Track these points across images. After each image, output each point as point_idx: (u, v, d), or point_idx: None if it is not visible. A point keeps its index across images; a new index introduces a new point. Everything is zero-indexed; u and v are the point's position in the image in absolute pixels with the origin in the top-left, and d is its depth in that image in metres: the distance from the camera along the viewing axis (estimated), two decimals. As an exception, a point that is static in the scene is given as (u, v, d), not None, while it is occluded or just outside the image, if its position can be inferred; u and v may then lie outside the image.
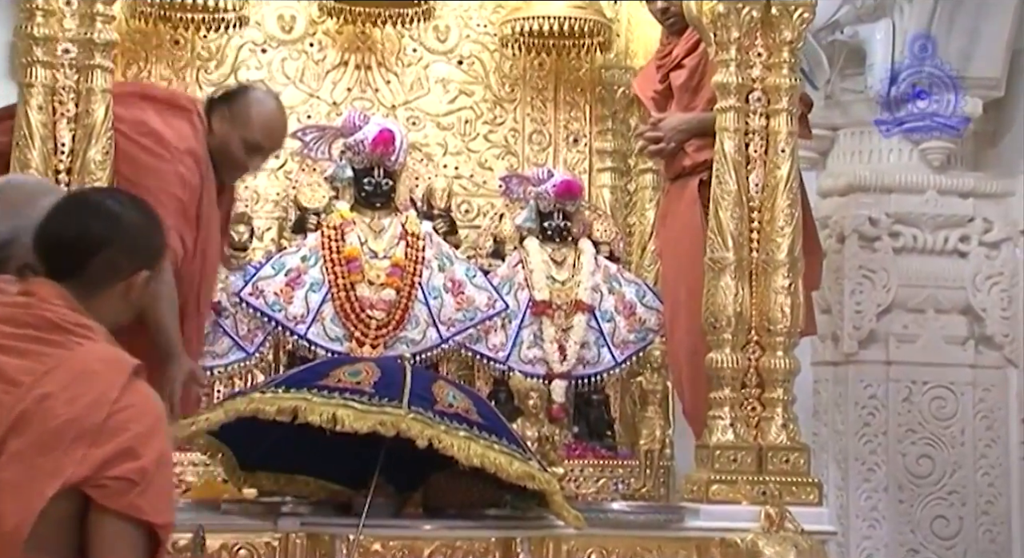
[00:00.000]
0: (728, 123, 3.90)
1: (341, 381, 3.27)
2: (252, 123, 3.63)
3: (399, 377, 3.29)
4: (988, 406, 5.08)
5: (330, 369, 3.36)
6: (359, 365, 3.39)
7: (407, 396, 3.22)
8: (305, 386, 3.27)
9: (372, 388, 3.24)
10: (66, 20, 3.56)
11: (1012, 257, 5.12)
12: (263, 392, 3.31)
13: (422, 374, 3.47)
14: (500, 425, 3.37)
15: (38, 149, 3.49)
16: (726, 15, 3.90)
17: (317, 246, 4.28)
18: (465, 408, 3.29)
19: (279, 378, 3.48)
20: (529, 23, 4.63)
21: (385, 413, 3.17)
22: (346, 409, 3.18)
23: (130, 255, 2.19)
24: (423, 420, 3.18)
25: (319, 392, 3.24)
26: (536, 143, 4.85)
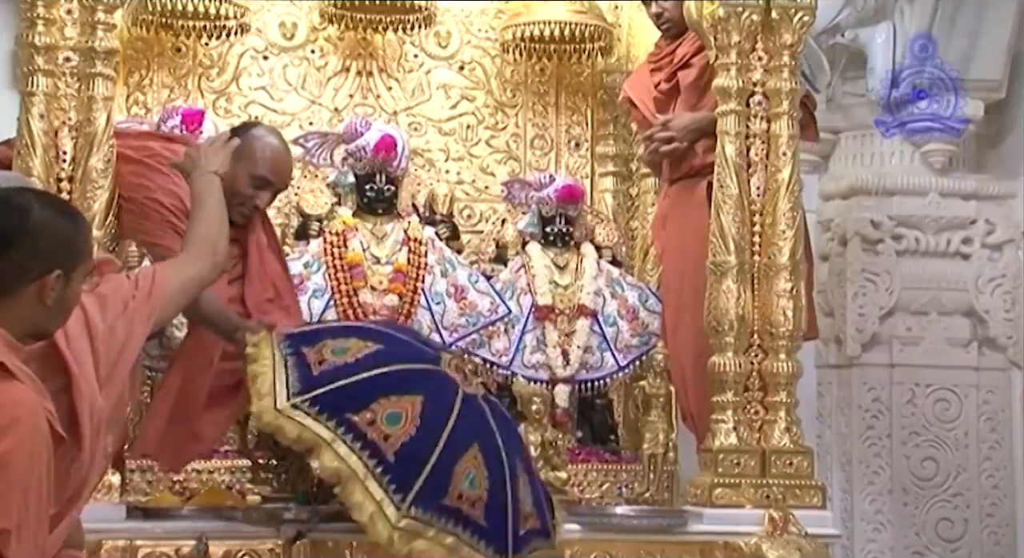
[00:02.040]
0: (729, 127, 3.90)
1: (375, 426, 3.11)
2: (257, 158, 3.61)
3: (432, 439, 3.12)
4: (992, 408, 5.08)
5: (375, 395, 3.16)
6: (405, 402, 3.16)
7: (419, 484, 3.08)
8: (340, 415, 3.11)
9: (394, 455, 3.09)
10: (67, 29, 3.56)
11: (1015, 259, 5.12)
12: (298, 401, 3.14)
13: (460, 436, 3.18)
14: (499, 525, 3.16)
15: (39, 158, 3.49)
16: (726, 19, 3.90)
17: (320, 252, 4.29)
18: (474, 499, 3.13)
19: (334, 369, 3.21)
20: (530, 28, 4.64)
21: (382, 509, 3.06)
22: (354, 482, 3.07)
23: (38, 255, 2.16)
24: (412, 530, 3.07)
25: (347, 434, 3.09)
26: (538, 148, 4.86)
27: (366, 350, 3.26)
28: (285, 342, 3.30)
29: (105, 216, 3.51)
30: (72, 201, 3.50)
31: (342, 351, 3.26)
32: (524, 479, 3.28)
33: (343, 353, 3.25)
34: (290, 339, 3.33)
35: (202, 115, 4.27)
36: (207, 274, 2.80)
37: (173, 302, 2.68)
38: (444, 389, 3.23)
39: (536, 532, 3.27)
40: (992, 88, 5.08)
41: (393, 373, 3.22)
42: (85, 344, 2.36)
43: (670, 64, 4.33)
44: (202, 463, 4.01)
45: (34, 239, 2.16)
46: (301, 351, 3.26)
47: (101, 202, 3.52)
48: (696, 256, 4.00)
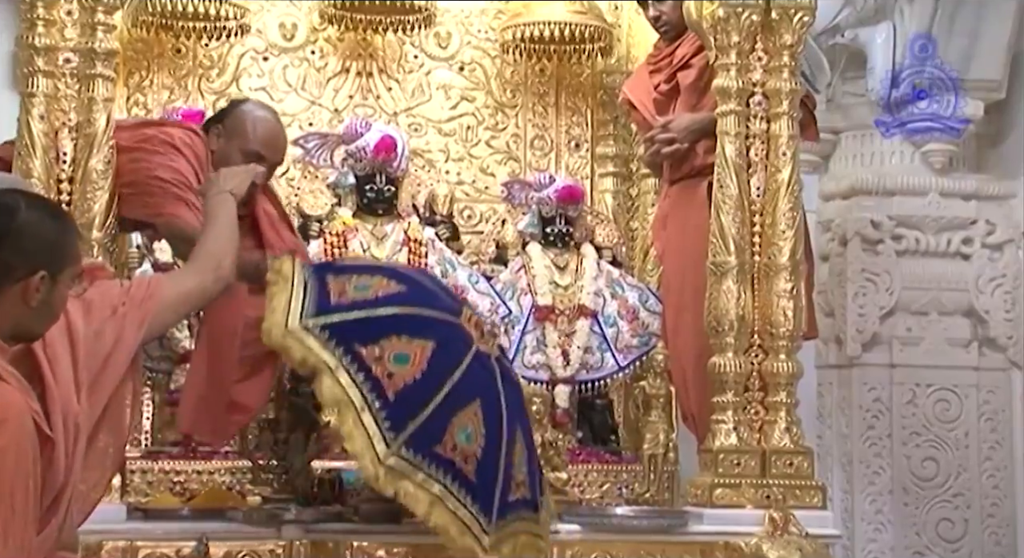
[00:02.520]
0: (729, 127, 3.90)
1: (381, 361, 3.04)
2: (247, 133, 3.62)
3: (435, 386, 3.07)
4: (992, 408, 5.08)
5: (388, 332, 3.09)
6: (416, 346, 3.10)
7: (413, 427, 3.04)
8: (348, 344, 3.05)
9: (394, 394, 3.04)
10: (67, 30, 3.56)
11: (1015, 259, 5.12)
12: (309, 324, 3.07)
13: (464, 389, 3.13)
14: (489, 485, 3.11)
15: (40, 159, 3.49)
16: (726, 19, 3.90)
17: (320, 253, 4.28)
18: (467, 454, 3.07)
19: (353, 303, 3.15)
20: (530, 29, 4.64)
21: (372, 444, 3.00)
22: (350, 412, 3.02)
23: (22, 255, 2.16)
24: (400, 471, 3.01)
25: (352, 364, 3.03)
26: (538, 148, 4.86)
27: (388, 289, 3.20)
28: (310, 269, 3.27)
29: (105, 217, 3.51)
30: (72, 202, 3.51)
31: (364, 287, 3.20)
32: (522, 447, 3.23)
33: (365, 289, 3.20)
34: (316, 267, 3.31)
35: (202, 116, 4.27)
36: (210, 287, 2.79)
37: (171, 311, 2.67)
38: (457, 341, 3.18)
39: (524, 502, 3.22)
40: (992, 88, 5.08)
41: (410, 316, 3.16)
42: (64, 348, 2.35)
43: (669, 65, 4.33)
44: (202, 463, 4.01)
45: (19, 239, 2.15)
46: (325, 279, 3.21)
47: (101, 203, 3.51)
48: (697, 256, 4.00)
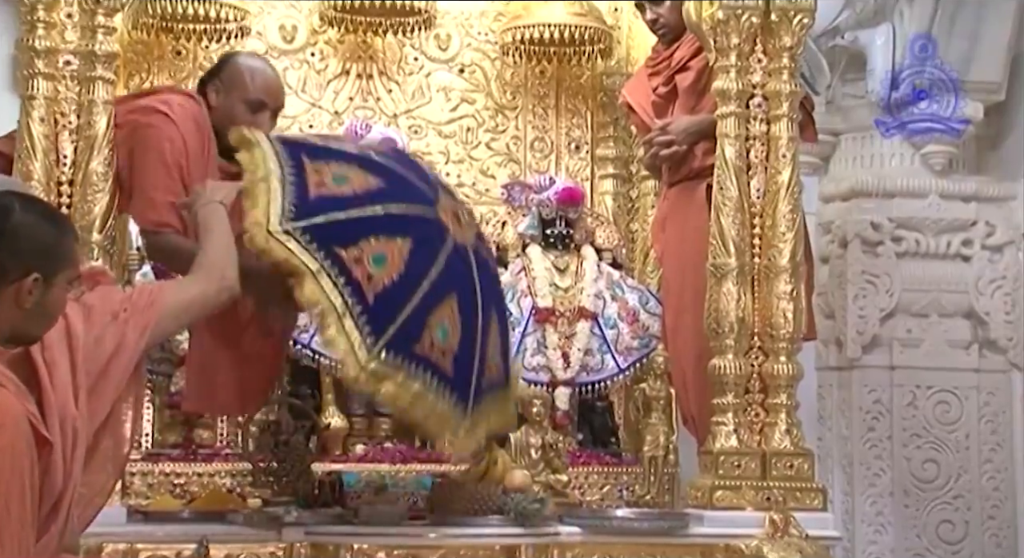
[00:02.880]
0: (729, 129, 3.90)
1: (360, 263, 3.10)
2: (247, 84, 3.63)
3: (412, 286, 3.13)
4: (992, 410, 5.07)
5: (366, 233, 3.13)
6: (393, 246, 3.16)
7: (393, 330, 3.08)
8: (328, 247, 3.08)
9: (374, 297, 3.08)
10: (67, 32, 3.55)
11: (1015, 261, 5.12)
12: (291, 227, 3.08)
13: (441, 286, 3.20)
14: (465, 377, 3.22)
15: (40, 161, 3.48)
16: (726, 21, 3.90)
17: (320, 254, 4.28)
18: (444, 350, 3.16)
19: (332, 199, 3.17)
20: (530, 31, 4.65)
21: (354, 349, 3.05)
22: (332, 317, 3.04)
23: (15, 256, 2.15)
24: (381, 373, 3.07)
25: (332, 267, 3.07)
26: (538, 150, 4.86)
27: (367, 185, 3.24)
28: (282, 150, 3.25)
29: (105, 220, 3.50)
30: (72, 204, 3.51)
31: (343, 179, 3.23)
32: (496, 334, 3.35)
33: (343, 182, 3.23)
34: (289, 147, 3.28)
35: None
36: (212, 296, 2.76)
37: (173, 319, 2.66)
38: (433, 237, 3.24)
39: (496, 383, 3.35)
40: (992, 90, 5.08)
41: (388, 215, 3.20)
42: (62, 352, 2.34)
43: (668, 68, 4.34)
44: (203, 466, 4.01)
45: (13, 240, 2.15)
46: (301, 159, 3.22)
47: (101, 206, 3.51)
48: (696, 258, 4.00)
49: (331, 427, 4.21)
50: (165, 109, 3.54)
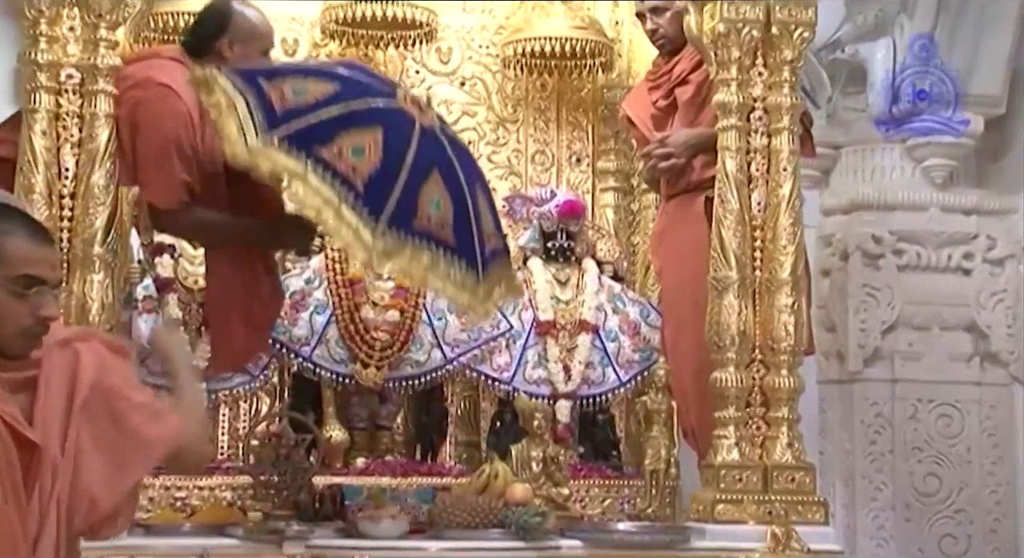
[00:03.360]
0: (730, 142, 3.91)
1: (342, 157, 3.26)
2: (263, 33, 3.75)
3: (396, 167, 3.30)
4: (994, 424, 5.07)
5: (338, 130, 3.30)
6: (367, 136, 3.32)
7: (390, 209, 3.25)
8: (309, 149, 3.24)
9: (364, 185, 3.25)
10: (70, 46, 3.56)
11: (1016, 274, 5.12)
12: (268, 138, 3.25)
13: (421, 163, 3.37)
14: (468, 243, 3.42)
15: (42, 174, 3.49)
16: (726, 35, 3.91)
17: (321, 268, 4.29)
18: (441, 221, 3.35)
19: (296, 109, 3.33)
20: (531, 44, 4.66)
21: (359, 235, 3.22)
22: (329, 210, 3.21)
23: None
24: (390, 250, 3.25)
25: (317, 166, 3.23)
26: (539, 163, 4.86)
27: (325, 92, 3.39)
28: (238, 77, 3.39)
29: (106, 233, 3.51)
30: (74, 217, 3.52)
31: (302, 91, 3.38)
32: (483, 203, 3.52)
33: (303, 93, 3.37)
34: (244, 74, 3.42)
35: None
36: (186, 450, 2.42)
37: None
38: (401, 123, 3.40)
39: (497, 251, 3.56)
40: (992, 103, 5.09)
41: (352, 111, 3.37)
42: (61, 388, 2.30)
43: (668, 81, 4.35)
44: (204, 479, 4.01)
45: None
46: (259, 84, 3.36)
47: (103, 219, 3.52)
48: (695, 271, 4.00)
49: (332, 440, 4.20)
50: (167, 81, 3.59)
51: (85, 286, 3.52)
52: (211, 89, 3.36)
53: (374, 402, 4.33)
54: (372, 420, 4.35)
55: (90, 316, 3.51)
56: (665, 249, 4.34)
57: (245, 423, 4.30)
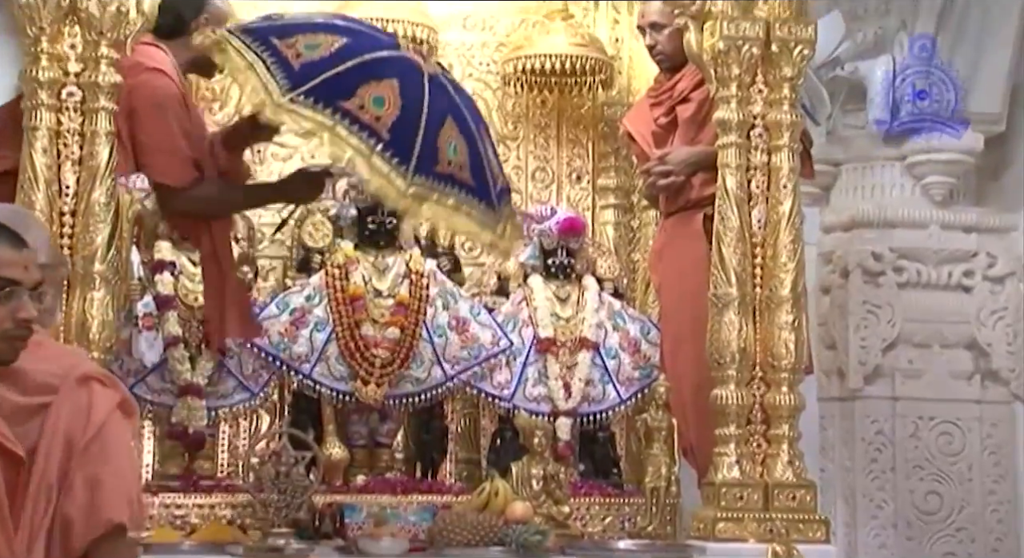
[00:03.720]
0: (730, 159, 3.91)
1: (364, 109, 3.43)
2: (231, 11, 3.95)
3: (416, 115, 3.48)
4: (995, 442, 5.06)
5: (357, 83, 3.47)
6: (384, 87, 3.49)
7: (415, 156, 3.44)
8: (333, 103, 3.42)
9: (388, 133, 3.44)
10: (71, 64, 3.57)
11: (1016, 292, 5.12)
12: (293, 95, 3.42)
13: (436, 110, 3.56)
14: (483, 182, 3.63)
15: (42, 192, 3.49)
16: (726, 52, 3.92)
17: (321, 285, 4.29)
18: (460, 164, 3.54)
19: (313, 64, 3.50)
20: (531, 61, 4.67)
21: (391, 181, 3.43)
22: (361, 159, 3.40)
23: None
24: (420, 195, 3.46)
25: (343, 119, 3.41)
26: (539, 180, 4.87)
27: (336, 44, 3.55)
28: (250, 38, 3.55)
29: (107, 250, 3.51)
30: (74, 235, 3.52)
31: (314, 46, 3.53)
32: (488, 142, 3.72)
33: (316, 48, 3.53)
34: (255, 32, 3.58)
35: None
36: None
37: None
38: (412, 71, 3.59)
39: (505, 190, 3.78)
40: (992, 121, 5.10)
41: (364, 62, 3.54)
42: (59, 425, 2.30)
43: (670, 99, 4.36)
44: (203, 497, 4.00)
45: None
46: (272, 43, 3.52)
47: (103, 236, 3.52)
48: (693, 288, 4.00)
49: (332, 458, 4.20)
50: (155, 64, 3.75)
51: (85, 303, 3.51)
52: (224, 51, 3.53)
53: (374, 419, 4.33)
54: (372, 437, 4.34)
55: (90, 333, 3.50)
56: (664, 266, 4.34)
57: (245, 441, 4.30)
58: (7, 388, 2.26)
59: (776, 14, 3.95)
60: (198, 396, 4.11)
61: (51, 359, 2.33)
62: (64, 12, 3.55)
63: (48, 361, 2.33)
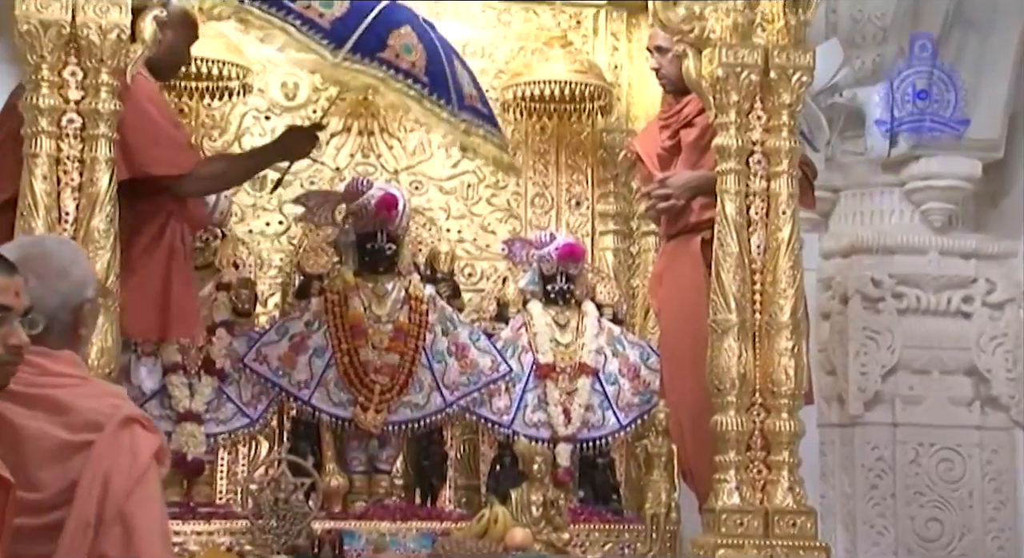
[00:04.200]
0: (729, 185, 3.91)
1: (400, 57, 3.76)
2: (189, 19, 4.02)
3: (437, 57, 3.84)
4: (996, 468, 5.05)
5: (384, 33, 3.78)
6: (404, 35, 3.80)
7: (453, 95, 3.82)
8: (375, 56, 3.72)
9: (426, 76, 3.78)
10: (71, 91, 3.57)
11: (1016, 318, 5.12)
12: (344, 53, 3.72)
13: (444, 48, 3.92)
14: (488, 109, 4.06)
15: (42, 218, 3.49)
16: (725, 79, 3.93)
17: (321, 311, 4.29)
18: (471, 93, 3.92)
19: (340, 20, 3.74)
20: (530, 88, 4.68)
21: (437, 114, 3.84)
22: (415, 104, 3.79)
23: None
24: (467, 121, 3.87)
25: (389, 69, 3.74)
26: (539, 206, 4.87)
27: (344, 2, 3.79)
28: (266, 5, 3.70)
29: (106, 277, 3.51)
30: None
31: (328, 4, 3.75)
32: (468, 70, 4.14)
33: (330, 6, 3.75)
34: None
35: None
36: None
37: None
38: (413, 17, 3.90)
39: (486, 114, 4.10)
40: (990, 147, 5.11)
41: (380, 12, 3.81)
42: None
43: (676, 122, 4.37)
44: (202, 524, 3.98)
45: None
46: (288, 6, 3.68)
47: (103, 262, 3.51)
48: (691, 313, 4.00)
49: (331, 484, 4.19)
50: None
51: (85, 330, 3.50)
52: (246, 21, 3.70)
53: (373, 446, 4.32)
54: (371, 464, 4.33)
55: (89, 360, 3.50)
56: (663, 290, 4.34)
57: (244, 467, 4.29)
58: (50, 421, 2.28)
59: (774, 41, 3.96)
60: (197, 422, 4.11)
61: (97, 397, 2.35)
62: (65, 40, 3.56)
63: (95, 399, 2.35)
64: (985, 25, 5.08)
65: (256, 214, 4.61)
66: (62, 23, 3.54)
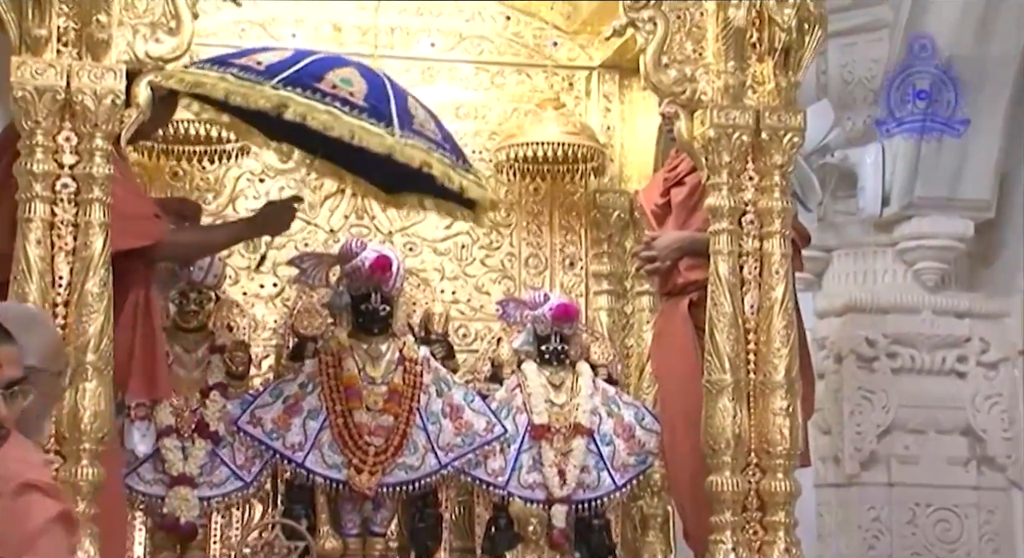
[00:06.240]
0: (722, 245, 3.92)
1: (336, 87, 3.71)
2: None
3: (382, 89, 3.80)
4: (993, 529, 5.02)
5: (323, 70, 3.75)
6: (346, 71, 3.80)
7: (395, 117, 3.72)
8: (310, 86, 3.67)
9: (364, 100, 3.70)
10: (65, 155, 3.59)
11: (1011, 377, 5.12)
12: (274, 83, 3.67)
13: (395, 86, 3.91)
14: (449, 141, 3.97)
15: (36, 283, 3.48)
16: (717, 140, 3.95)
17: (315, 373, 4.28)
18: (422, 122, 3.86)
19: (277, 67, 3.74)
20: (523, 149, 4.70)
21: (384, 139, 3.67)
22: (340, 124, 3.63)
23: None
24: (411, 144, 3.71)
25: (323, 97, 3.66)
26: (532, 267, 4.88)
27: (287, 53, 3.89)
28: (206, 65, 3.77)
29: (99, 341, 3.50)
30: (67, 325, 3.50)
31: (268, 57, 3.80)
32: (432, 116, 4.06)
33: (271, 57, 3.80)
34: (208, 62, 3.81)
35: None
36: None
37: None
38: (357, 62, 3.94)
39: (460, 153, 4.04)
40: (982, 208, 5.14)
41: (323, 59, 3.87)
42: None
43: (671, 178, 4.38)
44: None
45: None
46: (229, 62, 3.76)
47: (96, 326, 3.50)
48: (682, 373, 4.00)
49: (326, 548, 4.16)
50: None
51: (77, 394, 3.49)
52: (184, 80, 3.70)
53: (368, 508, 4.29)
54: (366, 526, 4.30)
55: (82, 424, 3.48)
56: (659, 351, 4.35)
57: (237, 531, 4.26)
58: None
59: (765, 103, 3.99)
60: (190, 486, 4.09)
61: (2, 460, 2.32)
62: (60, 105, 3.57)
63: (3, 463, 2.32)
64: (975, 86, 5.12)
65: (250, 276, 4.60)
66: (57, 89, 3.56)
